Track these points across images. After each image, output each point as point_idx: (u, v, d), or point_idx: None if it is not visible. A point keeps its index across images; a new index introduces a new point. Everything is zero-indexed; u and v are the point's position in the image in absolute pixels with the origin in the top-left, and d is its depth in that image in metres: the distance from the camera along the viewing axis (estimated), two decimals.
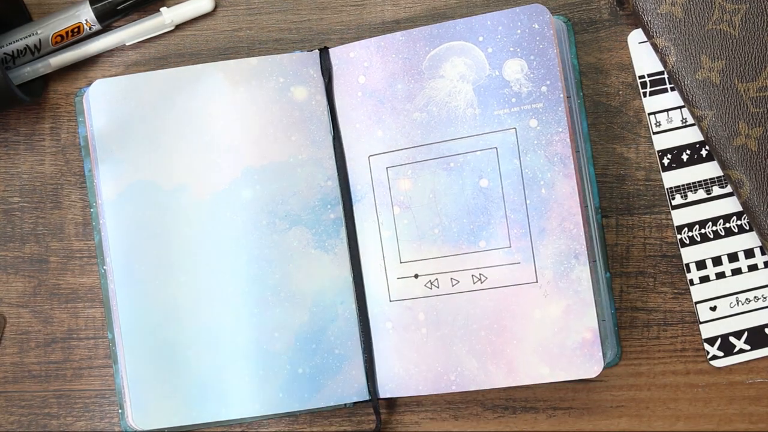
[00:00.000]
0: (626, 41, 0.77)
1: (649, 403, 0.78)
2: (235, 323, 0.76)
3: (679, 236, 0.77)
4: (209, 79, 0.77)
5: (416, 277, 0.76)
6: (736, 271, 0.76)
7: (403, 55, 0.76)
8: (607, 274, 0.77)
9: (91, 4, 0.78)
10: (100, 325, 0.80)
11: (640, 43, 0.77)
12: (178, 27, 0.81)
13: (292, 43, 0.80)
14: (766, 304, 0.76)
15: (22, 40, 0.78)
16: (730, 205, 0.76)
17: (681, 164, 0.77)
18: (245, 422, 0.79)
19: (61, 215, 0.80)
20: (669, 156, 0.77)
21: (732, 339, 0.76)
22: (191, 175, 0.77)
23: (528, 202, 0.74)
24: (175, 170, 0.77)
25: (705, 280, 0.77)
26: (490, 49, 0.74)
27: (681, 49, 0.74)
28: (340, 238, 0.77)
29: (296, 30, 0.80)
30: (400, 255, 0.76)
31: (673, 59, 0.74)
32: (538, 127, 0.74)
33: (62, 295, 0.80)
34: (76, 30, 0.79)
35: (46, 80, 0.80)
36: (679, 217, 0.77)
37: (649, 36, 0.75)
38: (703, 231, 0.77)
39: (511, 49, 0.74)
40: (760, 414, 0.77)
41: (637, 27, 0.77)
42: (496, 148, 0.74)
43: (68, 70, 0.80)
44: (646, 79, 0.77)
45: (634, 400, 0.78)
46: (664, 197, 0.77)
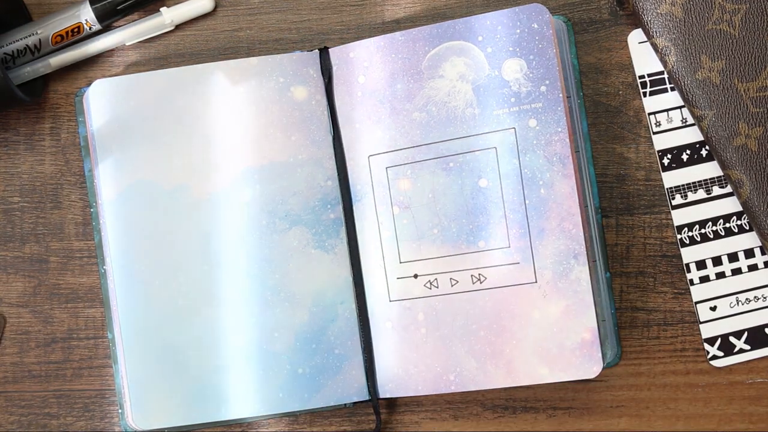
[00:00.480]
0: (626, 41, 0.77)
1: (649, 403, 0.77)
2: (235, 323, 0.76)
3: (679, 236, 0.77)
4: (209, 79, 0.77)
5: (416, 277, 0.76)
6: (736, 271, 0.76)
7: (402, 55, 0.76)
8: (607, 274, 0.77)
9: (91, 4, 0.78)
10: (100, 325, 0.80)
11: (640, 43, 0.77)
12: (178, 27, 0.81)
13: (292, 43, 0.80)
14: (766, 304, 0.76)
15: (22, 40, 0.78)
16: (730, 205, 0.76)
17: (681, 164, 0.77)
18: (245, 422, 0.79)
19: (61, 215, 0.80)
20: (669, 156, 0.77)
21: (732, 339, 0.76)
22: (191, 175, 0.77)
23: (527, 202, 0.74)
24: (175, 170, 0.77)
25: (705, 280, 0.76)
26: (489, 49, 0.74)
27: (681, 49, 0.74)
28: (340, 238, 0.77)
29: (296, 30, 0.80)
30: (399, 255, 0.76)
31: (673, 59, 0.74)
32: (538, 127, 0.73)
33: (62, 295, 0.80)
34: (76, 30, 0.79)
35: (46, 80, 0.80)
36: (679, 217, 0.77)
37: (649, 36, 0.75)
38: (703, 231, 0.77)
39: (511, 49, 0.74)
40: (760, 414, 0.77)
41: (637, 27, 0.77)
42: (496, 148, 0.74)
43: (68, 70, 0.80)
44: (646, 79, 0.77)
45: (634, 400, 0.78)
46: (664, 197, 0.77)
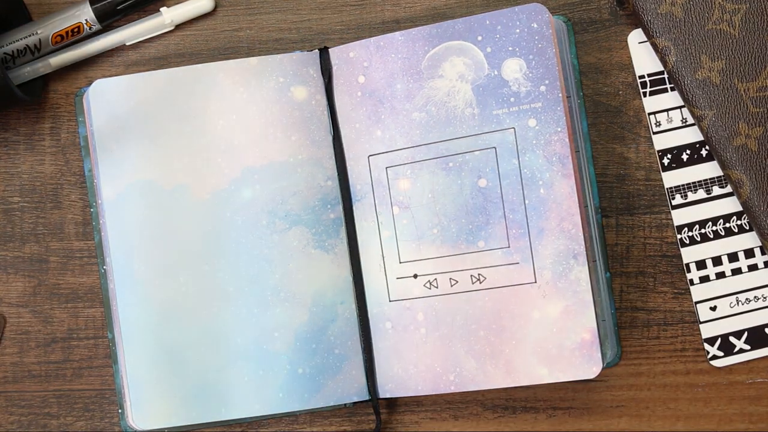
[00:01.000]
0: (626, 41, 0.77)
1: (649, 403, 0.77)
2: (235, 323, 0.76)
3: (679, 236, 0.77)
4: (209, 79, 0.77)
5: (415, 277, 0.76)
6: (736, 271, 0.76)
7: (402, 54, 0.76)
8: (607, 274, 0.77)
9: (91, 4, 0.78)
10: (100, 325, 0.80)
11: (640, 43, 0.77)
12: (178, 27, 0.81)
13: (292, 43, 0.80)
14: (766, 304, 0.76)
15: (22, 40, 0.78)
16: (730, 205, 0.76)
17: (681, 164, 0.77)
18: (245, 422, 0.79)
19: (61, 215, 0.80)
20: (669, 156, 0.77)
21: (732, 339, 0.76)
22: (191, 175, 0.77)
23: (527, 202, 0.74)
24: (175, 170, 0.77)
25: (705, 280, 0.76)
26: (489, 49, 0.74)
27: (681, 49, 0.74)
28: (340, 237, 0.77)
29: (296, 30, 0.80)
30: (399, 255, 0.76)
31: (673, 59, 0.74)
32: (537, 127, 0.73)
33: (62, 295, 0.80)
34: (76, 30, 0.79)
35: (46, 80, 0.80)
36: (679, 217, 0.77)
37: (649, 36, 0.75)
38: (703, 231, 0.76)
39: (510, 49, 0.74)
40: (760, 414, 0.77)
41: (637, 27, 0.77)
42: (495, 148, 0.74)
43: (68, 70, 0.80)
44: (646, 79, 0.77)
45: (634, 400, 0.78)
46: (664, 197, 0.77)
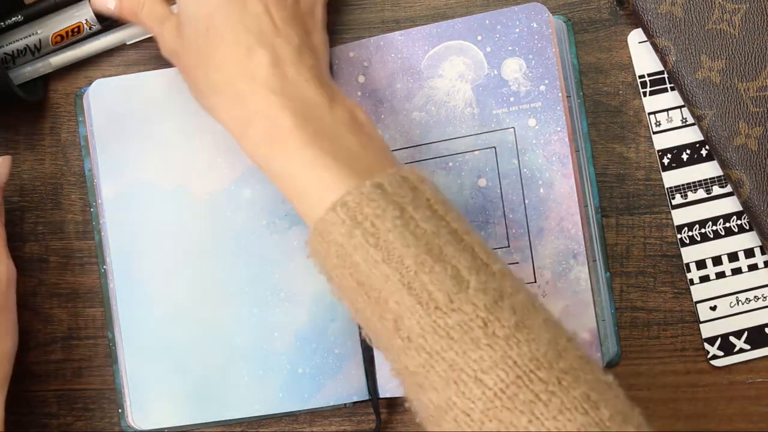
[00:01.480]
0: (626, 41, 0.77)
1: (649, 403, 0.77)
2: (235, 323, 0.76)
3: (679, 236, 0.77)
4: None
5: None
6: (736, 271, 0.76)
7: (402, 54, 0.76)
8: (607, 274, 0.77)
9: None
10: (100, 325, 0.80)
11: (640, 43, 0.77)
12: None
13: None
14: (766, 304, 0.76)
15: (22, 40, 0.78)
16: (730, 205, 0.76)
17: (681, 164, 0.77)
18: (245, 422, 0.79)
19: (61, 215, 0.80)
20: (669, 156, 0.77)
21: (732, 339, 0.76)
22: (191, 175, 0.77)
23: (526, 201, 0.74)
24: (175, 170, 0.77)
25: (705, 279, 0.76)
26: (488, 49, 0.74)
27: (681, 48, 0.74)
28: None
29: None
30: None
31: (673, 59, 0.74)
32: (537, 127, 0.73)
33: (62, 295, 0.80)
34: (76, 30, 0.78)
35: (46, 80, 0.80)
36: (679, 217, 0.77)
37: (649, 36, 0.75)
38: (703, 231, 0.76)
39: (510, 48, 0.74)
40: (760, 414, 0.77)
41: (637, 27, 0.77)
42: (495, 148, 0.74)
43: (68, 70, 0.80)
44: (646, 79, 0.77)
45: (634, 400, 0.77)
46: (664, 197, 0.77)
